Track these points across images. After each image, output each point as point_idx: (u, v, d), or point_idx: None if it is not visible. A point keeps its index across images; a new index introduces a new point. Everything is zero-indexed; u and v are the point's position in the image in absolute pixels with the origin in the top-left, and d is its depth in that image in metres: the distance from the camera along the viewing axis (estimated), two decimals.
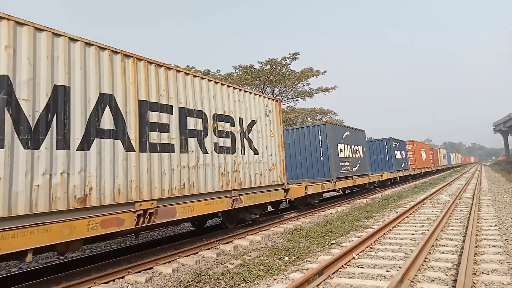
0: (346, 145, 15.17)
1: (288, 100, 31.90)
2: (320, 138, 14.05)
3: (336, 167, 13.72)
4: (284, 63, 27.29)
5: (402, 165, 25.19)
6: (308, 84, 30.31)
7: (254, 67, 27.37)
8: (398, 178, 23.72)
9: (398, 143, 25.02)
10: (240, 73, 27.91)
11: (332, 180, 13.43)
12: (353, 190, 19.45)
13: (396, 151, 23.82)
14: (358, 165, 16.23)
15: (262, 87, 28.79)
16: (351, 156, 15.60)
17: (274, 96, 30.24)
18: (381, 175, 19.81)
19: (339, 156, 14.32)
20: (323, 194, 15.94)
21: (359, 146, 16.88)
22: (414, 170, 28.87)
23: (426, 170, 34.58)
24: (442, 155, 48.11)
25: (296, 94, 31.29)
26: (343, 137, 15.09)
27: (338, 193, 17.87)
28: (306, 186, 11.43)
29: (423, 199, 13.69)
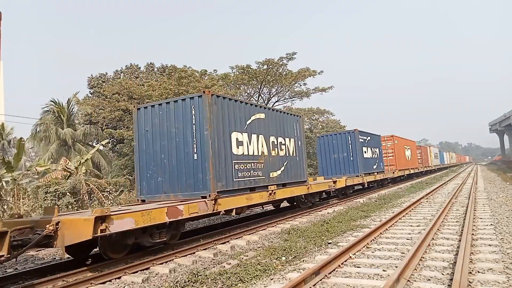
0: (254, 136, 9.61)
1: (285, 100, 31.94)
2: (193, 122, 8.06)
3: (222, 174, 8.14)
4: (281, 63, 27.30)
5: (375, 167, 19.64)
6: (305, 84, 30.39)
7: (251, 67, 27.36)
8: (366, 184, 18.19)
9: (368, 138, 19.14)
10: (237, 73, 27.89)
11: (208, 196, 7.65)
12: (294, 204, 13.15)
13: (364, 148, 18.29)
14: (283, 169, 10.77)
15: (259, 87, 28.79)
16: (266, 153, 9.96)
17: (270, 96, 30.28)
18: (334, 182, 13.70)
19: (235, 153, 8.71)
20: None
21: (287, 139, 11.32)
22: (394, 172, 23.06)
23: (412, 171, 28.78)
24: (433, 154, 42.76)
25: (293, 94, 31.33)
26: (249, 122, 9.47)
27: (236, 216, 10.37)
28: (98, 219, 5.19)
29: (420, 199, 13.76)
